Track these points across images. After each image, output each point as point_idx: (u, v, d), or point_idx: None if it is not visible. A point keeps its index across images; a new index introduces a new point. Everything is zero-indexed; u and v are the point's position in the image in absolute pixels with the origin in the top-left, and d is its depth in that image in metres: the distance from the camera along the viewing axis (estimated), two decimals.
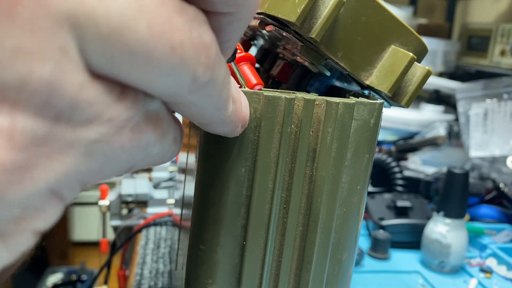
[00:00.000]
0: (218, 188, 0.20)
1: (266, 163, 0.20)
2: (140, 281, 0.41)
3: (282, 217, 0.21)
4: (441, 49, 0.84)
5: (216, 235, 0.20)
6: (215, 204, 0.20)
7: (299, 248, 0.21)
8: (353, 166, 0.21)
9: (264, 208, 0.20)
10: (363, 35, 0.20)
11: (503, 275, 0.43)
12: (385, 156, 0.60)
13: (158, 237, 0.50)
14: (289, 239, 0.21)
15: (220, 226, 0.20)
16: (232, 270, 0.21)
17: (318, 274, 0.22)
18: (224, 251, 0.21)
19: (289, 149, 0.20)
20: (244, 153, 0.19)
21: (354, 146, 0.21)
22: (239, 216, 0.20)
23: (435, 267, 0.44)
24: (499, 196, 0.56)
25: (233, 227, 0.20)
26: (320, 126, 0.20)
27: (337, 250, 0.22)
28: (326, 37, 0.20)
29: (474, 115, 0.67)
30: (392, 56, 0.21)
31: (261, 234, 0.21)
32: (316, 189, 0.20)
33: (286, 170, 0.20)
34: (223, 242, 0.20)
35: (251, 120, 0.19)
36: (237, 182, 0.20)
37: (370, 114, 0.20)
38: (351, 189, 0.21)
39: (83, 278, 1.52)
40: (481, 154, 0.64)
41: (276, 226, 0.21)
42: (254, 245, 0.21)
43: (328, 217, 0.21)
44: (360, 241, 0.47)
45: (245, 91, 0.19)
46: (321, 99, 0.20)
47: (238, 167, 0.20)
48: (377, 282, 0.42)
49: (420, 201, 0.52)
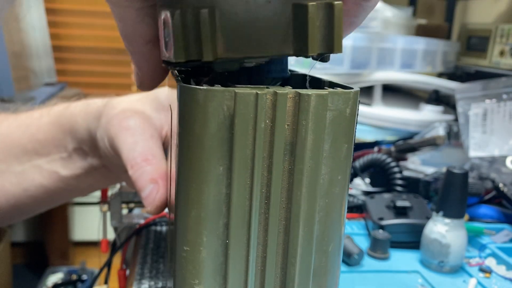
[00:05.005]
0: (197, 189, 0.20)
1: (242, 160, 0.20)
2: (141, 281, 0.41)
3: (264, 212, 0.21)
4: (440, 49, 0.84)
5: (199, 236, 0.20)
6: (195, 205, 0.20)
7: (283, 242, 0.21)
8: (332, 157, 0.21)
9: (244, 205, 0.20)
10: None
11: (502, 275, 0.43)
12: (384, 156, 0.60)
13: (158, 237, 0.50)
14: (272, 234, 0.21)
15: (202, 227, 0.20)
16: (217, 269, 0.21)
17: (305, 267, 0.22)
18: (208, 251, 0.21)
19: (265, 144, 0.20)
20: (220, 151, 0.19)
21: (331, 137, 0.20)
22: (221, 215, 0.20)
23: (435, 266, 0.44)
24: (498, 196, 0.56)
25: (215, 226, 0.20)
26: (295, 119, 0.20)
27: (322, 241, 0.22)
28: (223, 46, 0.19)
29: (474, 115, 0.67)
30: (314, 13, 0.19)
31: (243, 231, 0.21)
32: (295, 182, 0.20)
33: (264, 166, 0.20)
34: (206, 242, 0.20)
35: (225, 118, 0.19)
36: (216, 181, 0.20)
37: (345, 103, 0.20)
38: (331, 180, 0.21)
39: (84, 278, 1.52)
40: (481, 154, 0.64)
41: (258, 222, 0.21)
42: (237, 242, 0.21)
43: (310, 209, 0.21)
44: (359, 241, 0.47)
45: (216, 89, 0.19)
46: (294, 92, 0.20)
47: (215, 167, 0.20)
48: (376, 282, 0.42)
49: (420, 201, 0.52)
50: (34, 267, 1.80)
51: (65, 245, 1.82)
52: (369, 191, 0.59)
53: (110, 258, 0.51)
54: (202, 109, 0.19)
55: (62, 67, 1.86)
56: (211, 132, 0.19)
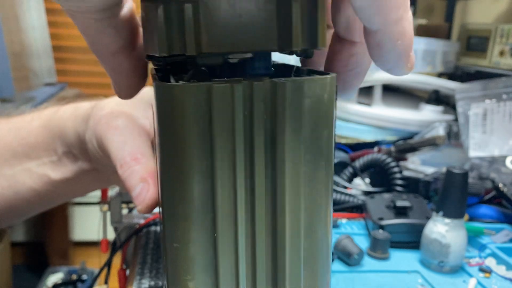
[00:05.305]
0: (181, 186, 0.20)
1: (224, 153, 0.20)
2: (141, 281, 0.41)
3: (249, 203, 0.21)
4: (440, 49, 0.84)
5: (187, 232, 0.20)
6: (181, 202, 0.20)
7: (272, 232, 0.21)
8: (313, 144, 0.21)
9: (229, 198, 0.20)
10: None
11: (502, 275, 0.44)
12: (384, 156, 0.60)
13: (158, 237, 0.50)
14: (259, 225, 0.21)
15: (189, 223, 0.20)
16: (208, 263, 0.21)
17: (295, 255, 0.22)
18: (197, 246, 0.21)
19: (245, 136, 0.20)
20: (201, 147, 0.19)
21: (311, 124, 0.20)
22: (207, 210, 0.20)
23: (435, 266, 0.44)
24: (498, 196, 0.56)
25: (203, 221, 0.20)
26: (273, 109, 0.20)
27: (310, 228, 0.22)
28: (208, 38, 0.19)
29: (473, 115, 0.67)
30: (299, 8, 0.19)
31: (230, 224, 0.21)
32: (278, 171, 0.20)
33: (247, 158, 0.20)
34: (195, 238, 0.21)
35: (203, 113, 0.19)
36: (199, 177, 0.20)
37: (322, 89, 0.20)
38: (315, 166, 0.21)
39: (84, 278, 1.53)
40: (480, 154, 0.65)
41: (244, 213, 0.21)
42: (226, 236, 0.21)
43: (295, 197, 0.21)
44: (359, 240, 0.47)
45: (192, 84, 0.19)
46: (269, 82, 0.20)
47: (197, 163, 0.20)
48: (376, 282, 0.42)
49: (420, 201, 0.52)
50: (34, 267, 1.80)
51: (65, 245, 1.82)
52: (369, 191, 0.59)
53: (110, 258, 0.51)
54: (179, 106, 0.19)
55: (62, 67, 1.86)
56: (190, 128, 0.19)
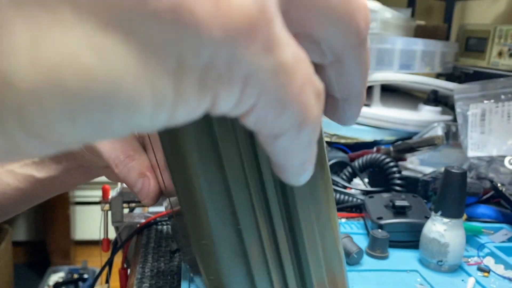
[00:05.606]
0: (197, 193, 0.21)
1: (231, 153, 0.21)
2: (142, 280, 0.42)
3: (262, 195, 0.23)
4: (439, 50, 0.85)
5: (212, 229, 0.22)
6: (199, 206, 0.22)
7: (287, 219, 0.24)
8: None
9: (245, 193, 0.22)
10: None
11: (500, 274, 0.44)
12: (383, 156, 0.60)
13: (159, 236, 0.50)
14: (276, 215, 0.23)
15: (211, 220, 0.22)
16: (237, 254, 0.23)
17: (311, 238, 0.24)
18: (225, 241, 0.23)
19: (246, 136, 0.21)
20: (209, 154, 0.21)
21: None
22: (226, 205, 0.22)
23: (433, 266, 0.44)
24: (496, 196, 0.57)
25: (224, 215, 0.22)
26: None
27: (320, 215, 0.24)
28: None
29: (472, 116, 0.68)
30: None
31: (250, 215, 0.22)
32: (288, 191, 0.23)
33: (252, 157, 0.21)
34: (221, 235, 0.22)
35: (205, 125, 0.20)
36: (212, 181, 0.21)
37: None
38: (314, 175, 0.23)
39: (85, 277, 1.53)
40: (479, 154, 0.65)
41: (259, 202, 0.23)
42: (248, 226, 0.23)
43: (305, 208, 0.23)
44: (358, 240, 0.47)
45: None
46: None
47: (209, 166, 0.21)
48: (375, 281, 0.42)
49: (418, 200, 0.52)
50: (36, 267, 1.80)
51: (67, 244, 1.82)
52: (368, 191, 0.60)
53: (111, 257, 0.52)
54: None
55: None
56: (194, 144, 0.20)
